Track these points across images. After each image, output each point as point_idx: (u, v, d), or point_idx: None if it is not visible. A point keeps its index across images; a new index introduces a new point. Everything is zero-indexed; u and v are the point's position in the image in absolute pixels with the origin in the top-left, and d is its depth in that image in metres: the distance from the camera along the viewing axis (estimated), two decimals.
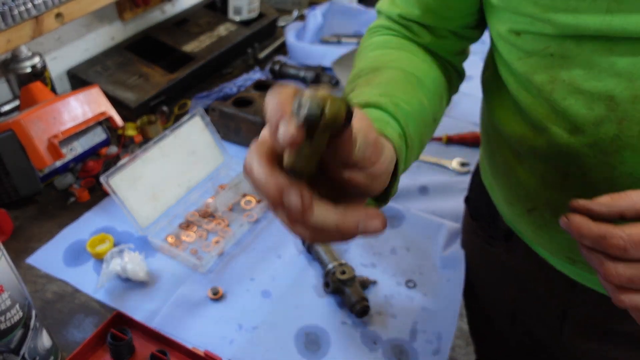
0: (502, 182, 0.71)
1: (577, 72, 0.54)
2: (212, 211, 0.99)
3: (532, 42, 0.56)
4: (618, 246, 0.42)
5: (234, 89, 1.27)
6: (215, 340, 0.78)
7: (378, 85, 0.56)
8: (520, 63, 0.59)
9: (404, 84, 0.57)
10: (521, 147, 0.63)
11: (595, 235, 0.43)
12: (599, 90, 0.53)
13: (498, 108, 0.66)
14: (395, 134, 0.49)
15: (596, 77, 0.53)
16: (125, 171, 0.92)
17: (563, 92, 0.56)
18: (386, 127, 0.49)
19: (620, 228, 0.42)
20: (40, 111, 0.94)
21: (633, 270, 0.43)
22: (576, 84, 0.54)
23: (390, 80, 0.57)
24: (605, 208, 0.44)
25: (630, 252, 0.42)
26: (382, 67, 0.59)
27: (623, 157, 0.53)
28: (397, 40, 0.66)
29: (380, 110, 0.52)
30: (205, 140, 1.06)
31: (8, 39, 1.03)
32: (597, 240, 0.43)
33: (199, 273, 0.88)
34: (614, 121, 0.53)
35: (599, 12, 0.49)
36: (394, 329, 0.80)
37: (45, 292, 0.84)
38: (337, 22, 1.55)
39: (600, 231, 0.43)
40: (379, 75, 0.58)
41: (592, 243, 0.44)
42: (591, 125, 0.55)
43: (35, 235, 0.94)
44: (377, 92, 0.54)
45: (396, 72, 0.58)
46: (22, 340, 0.64)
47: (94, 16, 1.27)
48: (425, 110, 0.57)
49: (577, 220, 0.45)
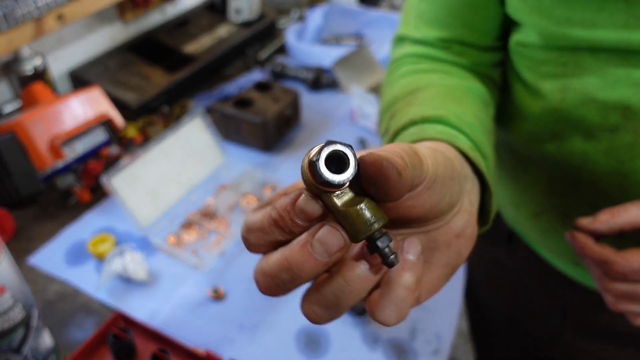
0: (507, 185, 0.70)
1: (591, 81, 0.53)
2: (213, 211, 0.99)
3: (544, 53, 0.55)
4: (617, 272, 0.45)
5: (234, 90, 1.27)
6: (216, 340, 0.78)
7: (424, 103, 0.49)
8: (529, 72, 0.58)
9: (451, 98, 0.50)
10: (528, 153, 0.62)
11: (597, 258, 0.47)
12: (614, 99, 0.52)
13: (505, 114, 0.65)
14: (467, 147, 0.41)
15: (611, 86, 0.52)
16: (126, 171, 0.92)
17: (575, 100, 0.54)
18: (455, 140, 0.41)
19: (621, 255, 0.45)
20: (41, 112, 0.94)
21: (629, 288, 0.46)
22: (589, 92, 0.53)
23: (435, 95, 0.50)
24: (606, 227, 0.47)
25: (629, 277, 0.45)
26: (421, 88, 0.53)
27: (636, 165, 0.53)
28: (429, 65, 0.60)
29: (442, 124, 0.44)
30: (205, 141, 1.06)
31: (9, 39, 1.03)
32: (598, 263, 0.47)
33: (200, 272, 0.88)
34: (630, 130, 0.52)
35: (617, 27, 0.48)
36: (393, 328, 0.80)
37: (47, 292, 0.85)
38: (337, 22, 1.55)
39: (602, 256, 0.46)
40: (420, 94, 0.51)
41: (594, 264, 0.47)
42: (606, 132, 0.54)
43: (37, 235, 0.95)
44: (430, 107, 0.47)
45: (439, 88, 0.52)
46: (23, 339, 0.64)
47: (95, 17, 1.27)
48: (482, 121, 0.50)
49: (581, 239, 0.48)
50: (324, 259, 0.27)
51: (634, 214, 0.46)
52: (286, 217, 0.27)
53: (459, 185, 0.36)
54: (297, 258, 0.27)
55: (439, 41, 0.60)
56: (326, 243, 0.26)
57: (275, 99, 1.14)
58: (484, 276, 0.90)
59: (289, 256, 0.28)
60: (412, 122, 0.45)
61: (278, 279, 0.28)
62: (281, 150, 1.15)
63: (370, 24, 1.55)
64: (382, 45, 1.42)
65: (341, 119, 1.24)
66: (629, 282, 0.46)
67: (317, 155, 0.26)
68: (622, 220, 0.47)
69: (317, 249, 0.27)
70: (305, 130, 1.21)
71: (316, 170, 0.26)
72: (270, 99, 1.14)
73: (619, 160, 0.53)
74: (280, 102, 1.13)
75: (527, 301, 0.83)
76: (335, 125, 1.22)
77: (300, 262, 0.27)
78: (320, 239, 0.26)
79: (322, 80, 1.33)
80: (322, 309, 0.29)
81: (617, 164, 0.54)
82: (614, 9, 0.47)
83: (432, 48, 0.61)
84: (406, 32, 0.63)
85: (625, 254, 0.46)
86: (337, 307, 0.29)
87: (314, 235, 0.27)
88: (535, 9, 0.52)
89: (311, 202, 0.27)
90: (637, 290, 0.47)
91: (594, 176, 0.56)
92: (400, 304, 0.31)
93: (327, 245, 0.26)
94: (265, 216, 0.28)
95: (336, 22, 1.56)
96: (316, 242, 0.27)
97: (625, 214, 0.47)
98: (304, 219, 0.27)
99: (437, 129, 0.43)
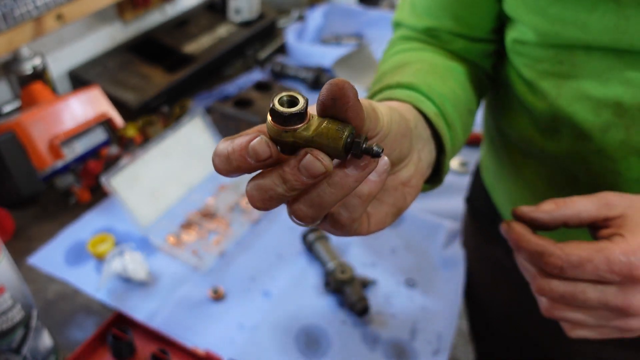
0: (506, 182, 0.70)
1: (585, 79, 0.53)
2: (213, 211, 0.99)
3: (541, 51, 0.56)
4: (554, 265, 0.41)
5: (234, 90, 1.27)
6: (216, 340, 0.78)
7: (405, 74, 0.54)
8: (527, 69, 0.59)
9: (433, 74, 0.54)
10: (528, 149, 0.63)
11: (532, 250, 0.42)
12: (607, 97, 0.52)
13: (505, 110, 0.66)
14: (431, 112, 0.47)
15: (604, 84, 0.52)
16: (126, 171, 0.92)
17: (569, 98, 0.55)
18: (420, 104, 0.47)
19: (559, 246, 0.41)
20: (41, 112, 0.94)
21: (566, 288, 0.41)
22: (583, 90, 0.54)
23: (418, 70, 0.55)
24: (548, 216, 0.43)
25: (567, 272, 0.41)
26: (407, 63, 0.58)
27: (630, 163, 0.53)
28: (421, 45, 0.64)
29: (412, 90, 0.49)
30: (205, 141, 1.06)
31: (9, 39, 1.03)
32: (534, 255, 0.42)
33: (200, 273, 0.88)
34: (622, 127, 0.52)
35: (608, 28, 0.48)
36: (393, 328, 0.80)
37: (47, 292, 0.85)
38: (337, 22, 1.56)
39: (538, 247, 0.42)
40: (405, 68, 0.56)
41: (529, 258, 0.43)
42: (598, 131, 0.54)
43: (37, 235, 0.95)
44: (408, 76, 0.52)
45: (423, 64, 0.57)
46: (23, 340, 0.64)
47: (94, 17, 1.27)
48: (459, 98, 0.54)
49: (517, 230, 0.44)
50: (310, 180, 0.31)
51: (581, 206, 0.43)
52: (238, 153, 0.31)
53: (409, 142, 0.41)
54: (288, 178, 0.31)
55: (428, 30, 0.63)
56: (309, 168, 0.31)
57: None
58: (484, 276, 0.90)
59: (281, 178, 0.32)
60: (388, 86, 0.51)
61: (272, 191, 0.32)
62: None
63: (370, 24, 1.55)
64: (382, 45, 1.42)
65: None
66: (567, 282, 0.42)
67: (271, 102, 0.31)
68: (569, 212, 0.43)
69: (304, 172, 0.31)
70: None
71: (273, 111, 0.30)
72: (270, 99, 1.14)
73: (611, 158, 0.54)
74: None
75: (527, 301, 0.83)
76: None
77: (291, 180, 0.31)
78: (304, 164, 0.31)
79: (322, 80, 1.33)
80: (307, 207, 0.33)
81: (610, 162, 0.54)
82: (605, 10, 0.48)
83: (422, 35, 0.64)
84: (401, 18, 0.67)
85: (564, 246, 0.41)
86: (320, 206, 0.32)
87: (299, 161, 0.31)
88: (531, 7, 0.53)
89: (263, 144, 0.30)
90: (575, 292, 0.41)
91: (591, 174, 0.56)
92: (350, 208, 0.36)
93: (310, 170, 0.31)
94: (226, 148, 0.32)
95: (336, 22, 1.56)
96: (302, 168, 0.31)
97: (572, 205, 0.43)
98: (254, 159, 0.30)
99: (406, 93, 0.48)
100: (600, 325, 0.43)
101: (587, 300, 0.41)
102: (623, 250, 0.39)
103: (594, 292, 0.40)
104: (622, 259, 0.39)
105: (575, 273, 0.40)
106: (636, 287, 0.40)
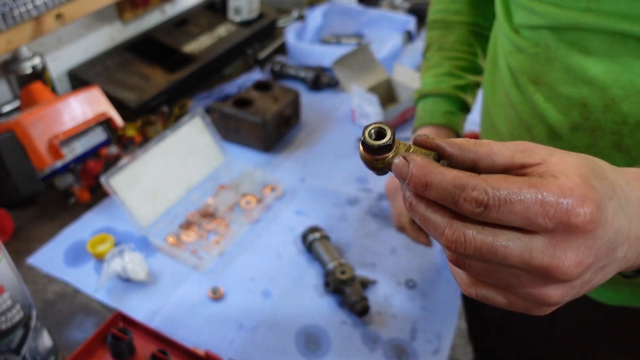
0: None
1: (557, 75, 0.55)
2: (213, 211, 0.99)
3: (519, 39, 0.59)
4: (477, 201, 0.31)
5: (234, 90, 1.27)
6: (216, 340, 0.78)
7: (446, 61, 0.84)
8: (512, 57, 0.62)
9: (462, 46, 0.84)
10: None
11: (449, 183, 0.32)
12: (574, 96, 0.54)
13: (493, 104, 0.69)
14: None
15: (572, 82, 0.54)
16: (126, 171, 0.92)
17: (543, 95, 0.57)
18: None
19: (483, 177, 0.32)
20: (40, 112, 0.94)
21: (485, 237, 0.32)
22: (555, 87, 0.56)
23: (456, 43, 0.84)
24: (458, 150, 0.34)
25: (490, 212, 0.31)
26: (449, 25, 0.85)
27: None
28: None
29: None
30: (205, 141, 1.06)
31: (8, 39, 1.03)
32: (449, 192, 0.32)
33: (199, 273, 0.88)
34: (588, 130, 0.54)
35: (578, 9, 0.51)
36: (394, 328, 0.80)
37: (46, 292, 0.85)
38: (337, 22, 1.55)
39: (457, 179, 0.31)
40: (447, 39, 0.85)
41: (442, 196, 0.32)
42: (567, 130, 0.55)
43: (36, 235, 0.95)
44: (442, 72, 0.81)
45: (462, 29, 0.84)
46: (22, 340, 0.64)
47: (94, 17, 1.27)
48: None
49: (421, 162, 0.33)
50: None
51: (495, 148, 0.34)
52: None
53: None
54: None
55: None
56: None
57: (275, 99, 1.14)
58: None
59: None
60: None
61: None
62: (281, 150, 1.15)
63: (370, 23, 1.55)
64: (382, 45, 1.42)
65: (341, 119, 1.24)
66: (486, 230, 0.31)
67: (362, 134, 0.35)
68: (481, 150, 0.34)
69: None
70: (305, 130, 1.21)
71: (365, 143, 0.35)
72: (270, 98, 1.14)
73: None
74: (280, 101, 1.13)
75: None
76: (336, 125, 1.22)
77: None
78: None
79: (322, 80, 1.33)
80: None
81: None
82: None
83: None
84: None
85: (489, 177, 0.32)
86: None
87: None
88: None
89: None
90: (495, 245, 0.31)
91: None
92: None
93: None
94: None
95: (336, 21, 1.56)
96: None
97: (486, 144, 0.34)
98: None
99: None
100: (510, 285, 0.34)
101: (507, 257, 0.31)
102: (560, 189, 0.31)
103: (518, 245, 0.31)
104: (561, 200, 0.30)
105: (500, 214, 0.31)
106: (569, 240, 0.31)
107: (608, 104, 0.51)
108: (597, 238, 0.32)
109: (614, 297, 0.66)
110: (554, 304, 0.34)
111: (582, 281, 0.33)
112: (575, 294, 0.34)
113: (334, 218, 0.97)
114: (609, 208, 0.32)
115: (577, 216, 0.30)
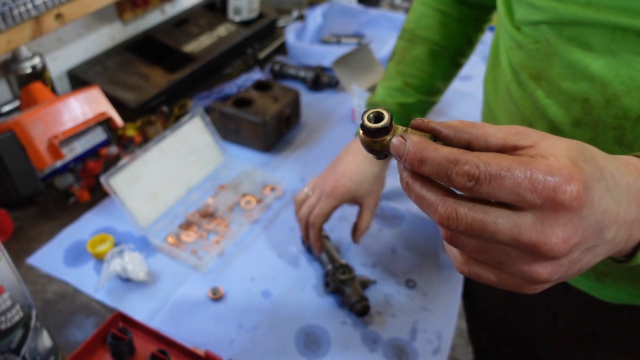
0: None
1: (557, 71, 0.56)
2: (212, 211, 0.99)
3: (520, 36, 0.59)
4: (470, 175, 0.33)
5: (234, 89, 1.27)
6: (216, 340, 0.78)
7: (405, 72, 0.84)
8: (513, 54, 0.62)
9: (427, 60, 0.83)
10: None
11: (443, 158, 0.34)
12: (575, 91, 0.54)
13: (494, 100, 0.69)
14: None
15: (572, 78, 0.54)
16: (126, 171, 0.92)
17: (544, 91, 0.57)
18: None
19: (475, 154, 0.34)
20: (40, 112, 0.94)
21: (476, 214, 0.33)
22: (556, 83, 0.56)
23: (415, 59, 0.83)
24: (452, 131, 0.36)
25: (481, 186, 0.33)
26: (413, 39, 0.84)
27: None
28: None
29: None
30: (205, 141, 1.06)
31: (8, 39, 1.03)
32: (443, 167, 0.34)
33: (199, 273, 0.88)
34: (589, 125, 0.54)
35: (578, 3, 0.51)
36: (394, 328, 0.80)
37: (46, 293, 0.85)
38: (337, 22, 1.55)
39: (451, 155, 0.33)
40: (408, 54, 0.84)
41: (435, 170, 0.34)
42: (569, 126, 0.56)
43: (36, 235, 0.95)
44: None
45: (425, 47, 0.83)
46: (22, 340, 0.64)
47: (94, 17, 1.27)
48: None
49: (417, 139, 0.35)
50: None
51: (489, 129, 0.36)
52: None
53: None
54: None
55: None
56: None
57: (275, 99, 1.14)
58: None
59: None
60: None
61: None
62: (281, 150, 1.15)
63: (370, 23, 1.55)
64: (382, 44, 1.42)
65: (341, 119, 1.24)
66: (477, 207, 0.34)
67: (361, 118, 0.37)
68: (475, 131, 0.36)
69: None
70: (305, 130, 1.21)
71: (363, 126, 0.37)
72: (270, 98, 1.14)
73: None
74: (280, 101, 1.13)
75: (521, 303, 0.83)
76: (336, 125, 1.22)
77: None
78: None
79: (322, 80, 1.32)
80: None
81: None
82: None
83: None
84: None
85: (481, 154, 0.34)
86: None
87: None
88: None
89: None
90: (485, 221, 0.33)
91: None
92: None
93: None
94: None
95: (336, 21, 1.55)
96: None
97: (481, 126, 0.36)
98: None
99: None
100: (500, 262, 0.35)
101: (497, 233, 0.33)
102: (549, 167, 0.32)
103: (507, 222, 0.33)
104: (548, 177, 0.32)
105: (490, 188, 0.32)
106: (556, 217, 0.32)
107: (609, 99, 0.51)
108: (583, 217, 0.33)
109: (616, 295, 0.66)
110: (543, 281, 0.35)
111: (570, 260, 0.34)
112: (564, 272, 0.35)
113: (334, 218, 0.97)
114: (596, 189, 0.33)
115: (563, 193, 0.32)
